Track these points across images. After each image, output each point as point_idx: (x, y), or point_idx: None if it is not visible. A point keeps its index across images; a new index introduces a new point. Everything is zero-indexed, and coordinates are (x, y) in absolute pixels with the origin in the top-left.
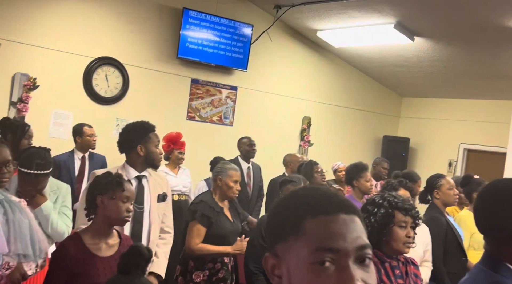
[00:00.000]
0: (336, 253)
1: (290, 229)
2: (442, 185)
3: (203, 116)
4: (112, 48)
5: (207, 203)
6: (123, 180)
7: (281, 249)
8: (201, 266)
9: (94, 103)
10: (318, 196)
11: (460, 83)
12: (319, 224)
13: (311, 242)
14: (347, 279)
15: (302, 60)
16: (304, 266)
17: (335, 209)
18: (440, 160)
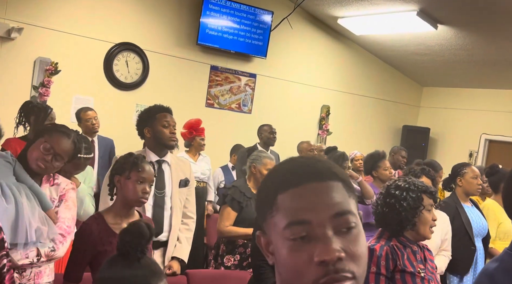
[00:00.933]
0: (309, 224)
1: (268, 206)
2: (466, 173)
3: (221, 104)
4: (133, 34)
5: (238, 188)
6: (140, 160)
7: (266, 226)
8: (232, 250)
9: (115, 89)
10: (290, 168)
11: (483, 72)
12: (289, 197)
13: (284, 217)
14: (324, 251)
15: (322, 48)
16: (282, 242)
17: (305, 179)
18: (461, 150)
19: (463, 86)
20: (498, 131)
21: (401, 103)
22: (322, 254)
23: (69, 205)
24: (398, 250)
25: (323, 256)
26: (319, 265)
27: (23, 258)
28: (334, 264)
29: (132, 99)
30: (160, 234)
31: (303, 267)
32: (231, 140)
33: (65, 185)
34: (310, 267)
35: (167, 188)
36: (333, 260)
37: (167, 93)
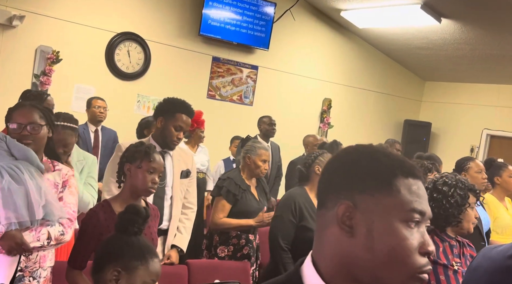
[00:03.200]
0: (423, 216)
1: (382, 185)
2: (470, 168)
3: (223, 95)
4: (135, 24)
5: (233, 179)
6: (152, 150)
7: (364, 201)
8: (226, 241)
9: (116, 79)
10: (404, 158)
11: (486, 67)
12: (411, 185)
13: (406, 203)
14: (428, 241)
15: (324, 40)
16: (394, 222)
17: (419, 175)
18: (462, 145)
19: (466, 81)
20: (499, 126)
21: (403, 98)
22: (429, 246)
23: (73, 191)
24: (435, 243)
25: (429, 247)
26: (423, 255)
27: (34, 241)
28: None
29: (134, 90)
30: (160, 223)
31: (414, 252)
32: (232, 133)
33: (66, 171)
34: (417, 255)
35: (168, 179)
36: (432, 253)
37: (168, 84)
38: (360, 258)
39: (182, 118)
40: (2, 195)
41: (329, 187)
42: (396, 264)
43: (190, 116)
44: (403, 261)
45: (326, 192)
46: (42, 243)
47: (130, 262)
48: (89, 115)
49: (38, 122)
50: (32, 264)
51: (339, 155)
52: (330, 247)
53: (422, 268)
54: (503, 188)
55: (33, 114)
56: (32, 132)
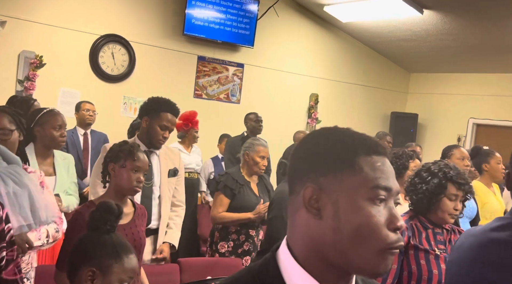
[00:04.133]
0: (389, 192)
1: (344, 165)
2: (453, 155)
3: (210, 94)
4: (118, 26)
5: (231, 175)
6: (136, 149)
7: (330, 182)
8: (226, 237)
9: (101, 81)
10: (366, 137)
11: (469, 57)
12: (374, 163)
13: (370, 180)
14: (396, 216)
15: (309, 36)
16: (359, 200)
17: (384, 151)
18: (449, 135)
19: (450, 71)
20: (485, 115)
21: (389, 90)
22: (398, 221)
23: (50, 191)
24: (417, 229)
25: (398, 222)
26: (393, 230)
27: (36, 240)
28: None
29: (119, 92)
30: (149, 223)
31: (382, 228)
32: (220, 131)
33: (39, 173)
34: (386, 231)
35: (155, 178)
36: (402, 228)
37: (154, 84)
38: (329, 239)
39: (167, 117)
40: (9, 200)
41: (296, 172)
42: (364, 242)
43: (175, 115)
44: (371, 238)
45: (293, 178)
46: (43, 242)
47: (104, 261)
48: (78, 119)
49: (8, 127)
50: (25, 266)
51: (303, 140)
52: (300, 231)
53: (392, 244)
54: (491, 174)
55: (2, 120)
56: (2, 137)
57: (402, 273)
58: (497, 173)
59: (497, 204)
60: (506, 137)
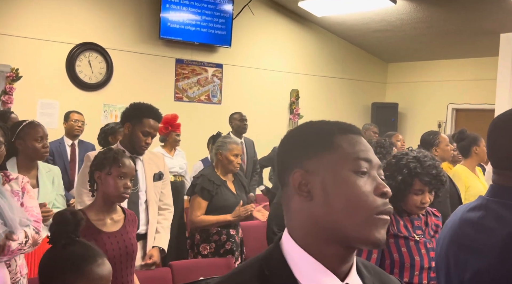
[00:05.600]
0: (370, 163)
1: (322, 145)
2: (440, 142)
3: (190, 96)
4: (93, 33)
5: (207, 176)
6: (121, 155)
7: (313, 164)
8: (207, 238)
9: (80, 91)
10: (338, 121)
11: (445, 43)
12: (350, 139)
13: (349, 154)
14: (381, 183)
15: (285, 32)
16: (344, 174)
17: (357, 131)
18: (429, 122)
19: (427, 59)
20: (464, 100)
21: (368, 81)
22: (384, 187)
23: (32, 195)
24: (394, 217)
25: (384, 188)
26: (380, 196)
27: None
28: (387, 198)
29: (99, 100)
30: (137, 229)
31: (369, 195)
32: (204, 133)
33: (21, 178)
34: (373, 197)
35: (140, 183)
36: (389, 193)
37: (134, 90)
38: (322, 216)
39: (149, 123)
40: None
41: (283, 165)
42: (354, 210)
43: (157, 121)
44: (359, 205)
45: (282, 171)
46: (21, 242)
47: (66, 277)
48: (66, 129)
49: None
50: (14, 275)
51: (284, 137)
52: (296, 217)
53: (380, 208)
54: (479, 157)
55: None
56: None
57: (384, 262)
58: (486, 155)
59: (481, 187)
60: (485, 120)
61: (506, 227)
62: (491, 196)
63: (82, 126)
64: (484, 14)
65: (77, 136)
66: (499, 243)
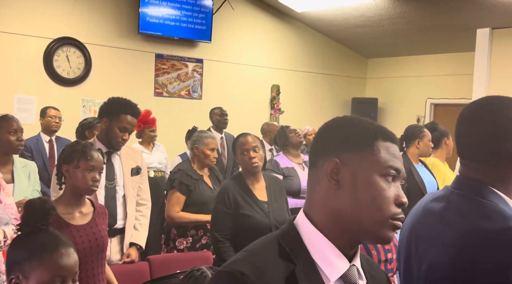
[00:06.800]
0: (398, 173)
1: (365, 145)
2: (425, 136)
3: (170, 92)
4: (71, 28)
5: (185, 171)
6: (89, 148)
7: (351, 158)
8: (184, 233)
9: (58, 86)
10: (383, 126)
11: (422, 38)
12: (389, 147)
13: (385, 160)
14: (401, 193)
15: (266, 27)
16: (375, 176)
17: (396, 141)
18: (408, 116)
19: (405, 55)
20: (442, 95)
21: (348, 77)
22: (403, 198)
23: (8, 193)
24: None
25: (404, 199)
26: (398, 205)
27: None
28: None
29: (77, 95)
30: (115, 223)
31: (390, 201)
32: (184, 128)
33: None
34: (393, 204)
35: (118, 178)
36: (407, 204)
37: (113, 85)
38: (345, 206)
39: (126, 119)
40: None
41: (320, 148)
42: (375, 210)
43: (135, 117)
44: (381, 208)
45: (317, 153)
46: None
47: (24, 265)
48: (43, 124)
49: None
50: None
51: (329, 123)
52: (321, 199)
53: (396, 216)
54: (449, 149)
55: None
56: None
57: None
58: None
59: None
60: None
61: (466, 224)
62: (455, 187)
63: (60, 122)
64: (461, 10)
65: (54, 132)
66: (457, 239)
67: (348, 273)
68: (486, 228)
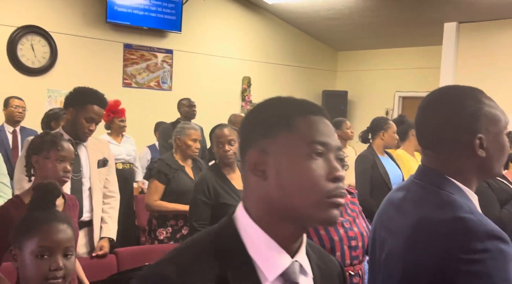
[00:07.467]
0: (326, 147)
1: (282, 126)
2: (390, 128)
3: (139, 83)
4: (36, 16)
5: (164, 160)
6: (59, 138)
7: (269, 144)
8: (164, 223)
9: (22, 75)
10: (302, 100)
11: (391, 32)
12: (310, 122)
13: (305, 137)
14: (335, 167)
15: (237, 19)
16: (298, 157)
17: (319, 112)
18: (377, 109)
19: (375, 48)
20: (410, 88)
21: (319, 69)
22: (336, 171)
23: None
24: None
25: (337, 173)
26: (332, 181)
27: None
28: (340, 182)
29: (43, 85)
30: (81, 216)
31: (320, 180)
32: (154, 120)
33: None
34: (325, 181)
35: (84, 170)
36: (342, 178)
37: (80, 75)
38: (277, 196)
39: (93, 109)
40: None
41: (242, 141)
42: (306, 193)
43: (102, 107)
44: (311, 190)
45: (242, 147)
46: None
47: (19, 238)
48: (6, 116)
49: None
50: None
51: (248, 112)
52: (252, 193)
53: (331, 192)
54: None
55: None
56: None
57: None
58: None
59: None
60: None
61: (419, 211)
62: (415, 176)
63: (23, 112)
64: (429, 4)
65: (18, 122)
66: (409, 228)
67: (288, 270)
68: (435, 217)
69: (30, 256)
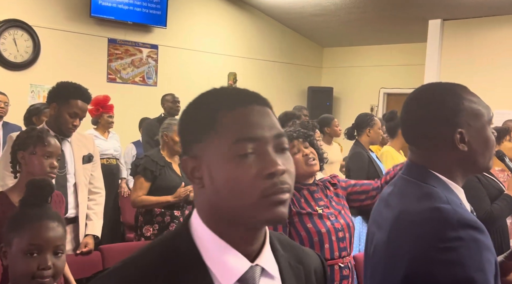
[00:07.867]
0: (256, 141)
1: (207, 126)
2: (375, 124)
3: (124, 78)
4: (19, 10)
5: (150, 157)
6: (45, 134)
7: (200, 148)
8: (151, 220)
9: (4, 70)
10: (229, 91)
11: (376, 29)
12: (235, 115)
13: (231, 135)
14: (269, 162)
15: (222, 14)
16: (225, 160)
17: (249, 101)
18: (362, 105)
19: (360, 44)
20: (394, 84)
21: (304, 65)
22: (270, 167)
23: None
24: (294, 195)
25: (271, 168)
26: (266, 178)
27: None
28: (279, 177)
29: (25, 80)
30: (66, 212)
31: (252, 180)
32: (139, 115)
33: None
34: (258, 180)
35: (69, 166)
36: (279, 172)
37: (63, 70)
38: (214, 203)
39: (77, 104)
40: None
41: (182, 148)
42: (240, 195)
43: (86, 102)
44: (244, 191)
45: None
46: None
47: (9, 234)
48: None
49: None
50: None
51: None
52: (198, 200)
53: (267, 191)
54: None
55: None
56: None
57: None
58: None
59: None
60: None
61: (400, 206)
62: (402, 172)
63: (6, 107)
64: (414, 1)
65: (1, 118)
66: (391, 220)
67: (246, 275)
68: (413, 208)
69: (19, 254)
